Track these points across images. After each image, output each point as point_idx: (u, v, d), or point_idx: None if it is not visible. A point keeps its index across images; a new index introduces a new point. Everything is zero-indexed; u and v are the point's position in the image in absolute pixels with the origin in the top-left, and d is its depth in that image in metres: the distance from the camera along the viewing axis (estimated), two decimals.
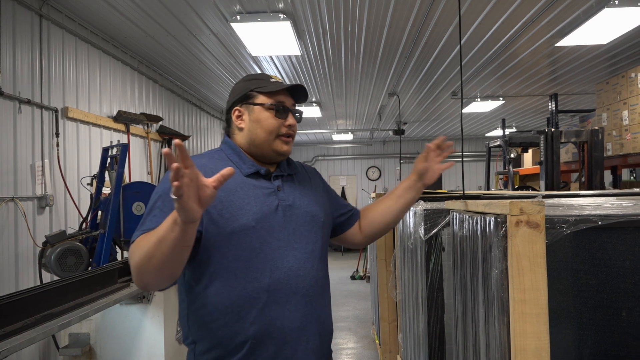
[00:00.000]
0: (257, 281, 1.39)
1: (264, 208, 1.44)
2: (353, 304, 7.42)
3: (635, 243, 1.25)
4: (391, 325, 4.25)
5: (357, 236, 1.76)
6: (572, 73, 7.39)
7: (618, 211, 1.30)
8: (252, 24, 4.89)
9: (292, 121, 1.54)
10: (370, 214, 1.76)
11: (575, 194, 2.73)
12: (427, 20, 5.12)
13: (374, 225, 1.75)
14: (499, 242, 1.22)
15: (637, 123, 5.37)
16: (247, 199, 1.43)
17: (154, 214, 1.35)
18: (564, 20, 5.18)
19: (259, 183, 1.49)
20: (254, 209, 1.42)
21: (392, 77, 7.57)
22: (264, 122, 1.52)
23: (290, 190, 1.54)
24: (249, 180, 1.49)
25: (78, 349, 3.26)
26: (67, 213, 4.62)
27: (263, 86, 1.53)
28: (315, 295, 1.47)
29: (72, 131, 4.77)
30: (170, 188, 1.07)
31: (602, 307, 1.25)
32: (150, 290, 1.26)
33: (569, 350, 1.26)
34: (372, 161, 15.91)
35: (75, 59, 4.88)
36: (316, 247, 1.51)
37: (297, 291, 1.43)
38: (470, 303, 1.55)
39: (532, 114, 10.90)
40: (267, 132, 1.51)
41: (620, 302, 1.24)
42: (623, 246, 1.25)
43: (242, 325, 1.38)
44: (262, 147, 1.53)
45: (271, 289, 1.40)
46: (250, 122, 1.53)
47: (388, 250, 4.26)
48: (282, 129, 1.53)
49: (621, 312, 1.24)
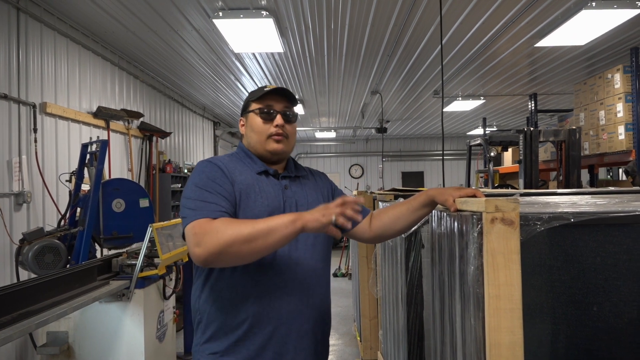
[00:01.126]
0: (261, 267, 1.54)
1: (274, 202, 1.60)
2: (335, 301, 7.45)
3: (605, 240, 1.28)
4: (372, 322, 4.29)
5: (366, 233, 1.82)
6: (551, 73, 7.51)
7: (590, 209, 1.33)
8: (234, 21, 4.87)
9: (279, 122, 1.67)
10: (384, 217, 1.80)
11: (553, 192, 2.78)
12: (409, 20, 5.16)
13: (385, 229, 1.80)
14: (475, 239, 1.25)
15: (613, 123, 5.48)
16: (261, 193, 1.60)
17: (206, 197, 1.49)
18: (543, 21, 5.26)
19: (269, 181, 1.66)
20: (267, 202, 1.59)
21: (374, 76, 7.61)
22: (255, 126, 1.69)
23: (296, 190, 1.69)
24: (261, 177, 1.65)
25: (56, 347, 3.22)
26: (45, 210, 4.56)
27: (256, 95, 1.71)
28: (313, 284, 1.62)
29: (50, 127, 4.70)
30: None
31: (574, 302, 1.28)
32: (213, 264, 1.43)
33: (542, 345, 1.29)
34: (355, 159, 15.96)
35: (54, 54, 4.81)
36: (317, 241, 1.66)
37: (295, 278, 1.58)
38: (447, 299, 1.57)
39: (512, 113, 11.05)
40: (258, 134, 1.68)
41: (591, 297, 1.28)
42: (594, 243, 1.28)
43: (245, 304, 1.54)
44: (257, 148, 1.69)
45: (272, 274, 1.55)
46: (247, 128, 1.73)
47: (369, 248, 4.29)
48: (271, 129, 1.67)
49: (592, 307, 1.28)
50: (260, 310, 1.54)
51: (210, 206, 1.47)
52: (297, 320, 1.58)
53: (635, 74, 5.18)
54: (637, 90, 5.18)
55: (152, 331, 3.51)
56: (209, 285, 1.60)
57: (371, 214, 1.84)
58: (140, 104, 6.94)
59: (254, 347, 1.54)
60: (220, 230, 1.37)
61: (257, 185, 1.61)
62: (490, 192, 2.81)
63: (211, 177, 1.55)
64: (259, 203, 1.57)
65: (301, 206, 1.65)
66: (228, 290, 1.56)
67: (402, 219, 1.75)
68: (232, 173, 1.60)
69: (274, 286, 1.56)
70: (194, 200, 1.50)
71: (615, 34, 5.64)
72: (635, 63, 5.18)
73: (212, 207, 1.47)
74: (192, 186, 1.55)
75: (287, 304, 1.56)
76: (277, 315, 1.55)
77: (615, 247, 1.28)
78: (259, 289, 1.55)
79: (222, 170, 1.58)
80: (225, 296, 1.56)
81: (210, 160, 1.62)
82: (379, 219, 1.81)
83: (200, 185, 1.53)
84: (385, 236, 1.85)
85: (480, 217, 1.22)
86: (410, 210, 1.73)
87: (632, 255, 1.28)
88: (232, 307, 1.55)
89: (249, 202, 1.57)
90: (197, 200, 1.49)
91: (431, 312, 1.90)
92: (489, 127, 12.13)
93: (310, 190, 1.74)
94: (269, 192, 1.62)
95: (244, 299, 1.55)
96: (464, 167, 7.42)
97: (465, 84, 8.15)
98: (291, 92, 1.71)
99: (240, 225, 1.38)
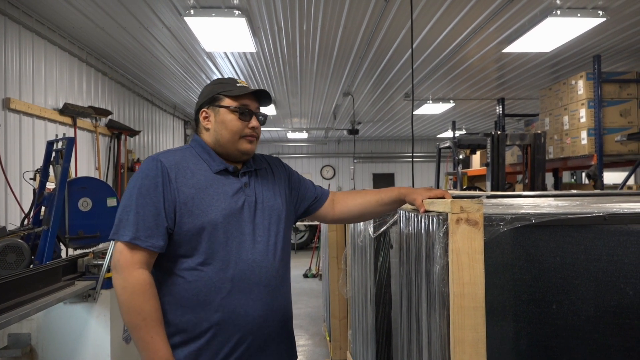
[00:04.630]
0: (222, 272, 1.51)
1: (231, 205, 1.56)
2: (305, 302, 7.45)
3: (564, 240, 1.33)
4: (341, 322, 4.31)
5: (329, 215, 1.85)
6: (518, 79, 7.71)
7: (551, 210, 1.38)
8: (206, 19, 4.83)
9: (255, 123, 1.65)
10: (350, 203, 1.83)
11: (518, 195, 2.86)
12: (381, 23, 5.22)
13: (350, 213, 1.84)
14: (440, 239, 1.28)
15: (576, 128, 5.66)
16: (216, 196, 1.55)
17: (135, 213, 1.48)
18: (510, 28, 5.40)
19: (227, 180, 1.61)
20: (222, 205, 1.54)
21: (346, 77, 7.65)
22: (228, 124, 1.62)
23: (255, 186, 1.65)
24: (219, 177, 1.60)
25: (18, 349, 3.13)
26: (8, 208, 4.43)
27: (229, 90, 1.64)
28: (277, 285, 1.60)
29: (14, 123, 4.57)
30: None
31: (535, 301, 1.33)
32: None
33: (504, 342, 1.33)
34: (326, 160, 16.01)
35: (19, 48, 4.68)
36: (278, 239, 1.64)
37: (260, 282, 1.55)
38: (414, 298, 1.61)
39: (481, 116, 11.28)
40: (231, 133, 1.62)
41: (551, 295, 1.32)
42: (554, 243, 1.33)
43: (207, 313, 1.50)
44: (227, 146, 1.63)
45: (235, 280, 1.52)
46: (216, 123, 1.64)
47: (339, 248, 4.31)
48: (246, 130, 1.63)
49: (552, 305, 1.32)
50: (225, 318, 1.50)
51: (132, 229, 1.47)
52: (264, 324, 1.55)
53: (597, 81, 5.36)
54: (599, 97, 5.36)
55: (119, 332, 3.45)
56: (166, 291, 1.53)
57: (333, 195, 1.86)
58: (109, 102, 6.81)
59: (219, 356, 1.50)
60: (126, 289, 1.44)
61: (211, 187, 1.56)
62: (457, 194, 2.87)
63: (144, 192, 1.50)
64: (214, 207, 1.53)
65: (261, 203, 1.62)
66: (188, 299, 1.51)
67: (369, 209, 1.79)
68: (181, 176, 1.54)
69: (238, 292, 1.52)
70: (125, 210, 1.49)
71: (579, 42, 5.83)
72: (598, 70, 5.35)
73: (133, 231, 1.46)
74: (129, 192, 1.52)
75: (252, 310, 1.53)
76: (244, 322, 1.52)
77: (573, 247, 1.33)
78: (222, 294, 1.50)
79: (164, 179, 1.51)
80: (186, 303, 1.51)
81: (157, 164, 1.54)
82: (344, 204, 1.83)
83: (134, 195, 1.50)
84: (347, 221, 1.91)
85: (446, 218, 1.26)
86: (379, 203, 1.76)
87: (589, 255, 1.33)
88: (193, 314, 1.51)
89: (203, 207, 1.52)
90: (127, 212, 1.49)
91: (399, 311, 1.93)
92: (458, 130, 12.35)
93: (270, 184, 1.71)
94: (226, 193, 1.57)
95: (206, 305, 1.50)
96: (434, 169, 7.53)
97: (435, 87, 8.28)
98: (270, 96, 1.69)
99: (137, 306, 1.44)
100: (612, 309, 1.32)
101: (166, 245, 1.51)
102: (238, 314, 1.51)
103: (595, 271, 1.33)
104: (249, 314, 1.52)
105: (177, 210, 1.51)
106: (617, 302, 1.32)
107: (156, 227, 1.48)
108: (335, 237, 4.37)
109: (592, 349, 1.32)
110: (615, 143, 5.40)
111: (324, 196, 1.87)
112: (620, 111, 5.48)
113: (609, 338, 1.32)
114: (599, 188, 5.25)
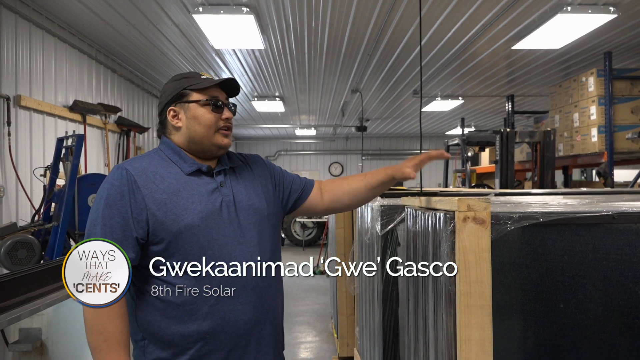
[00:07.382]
0: (207, 278, 1.43)
1: (208, 206, 1.47)
2: (312, 299, 7.47)
3: (572, 239, 1.32)
4: (349, 319, 4.32)
5: (318, 205, 1.78)
6: (527, 75, 7.64)
7: (559, 209, 1.37)
8: (214, 16, 4.83)
9: (228, 114, 1.56)
10: (338, 191, 1.77)
11: (527, 192, 2.85)
12: (389, 20, 5.20)
13: (340, 202, 1.78)
14: (447, 237, 1.27)
15: (586, 125, 5.61)
16: (191, 199, 1.47)
17: (101, 226, 1.43)
18: (520, 24, 5.35)
19: (201, 181, 1.52)
20: (198, 208, 1.46)
21: (354, 74, 7.63)
22: (201, 118, 1.53)
23: (232, 185, 1.56)
24: (192, 178, 1.51)
25: (29, 344, 3.16)
26: (19, 205, 4.47)
27: (195, 83, 1.55)
28: (265, 287, 1.51)
29: (24, 120, 4.61)
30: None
31: (542, 300, 1.32)
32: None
33: (511, 340, 1.33)
34: (334, 157, 16.00)
35: (29, 46, 4.72)
36: (263, 238, 1.54)
37: (247, 284, 1.47)
38: (421, 296, 1.60)
39: (490, 114, 11.21)
40: (206, 128, 1.53)
41: (558, 294, 1.32)
42: (562, 242, 1.32)
43: (195, 322, 1.42)
44: (202, 142, 1.54)
45: (222, 285, 1.44)
46: (188, 120, 1.54)
47: (347, 245, 4.32)
48: (220, 122, 1.54)
49: (559, 304, 1.32)
50: (215, 326, 1.43)
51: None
52: (255, 328, 1.49)
53: (608, 78, 5.31)
54: (609, 94, 5.31)
55: None
56: (148, 304, 1.44)
57: (319, 184, 1.80)
58: (118, 99, 6.84)
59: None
60: (89, 306, 1.39)
61: (185, 190, 1.48)
62: (465, 192, 2.86)
63: (111, 202, 1.43)
64: (190, 210, 1.45)
65: (240, 202, 1.54)
66: (172, 310, 1.42)
67: (358, 195, 1.75)
68: (150, 182, 1.46)
69: (226, 298, 1.44)
70: (92, 224, 1.45)
71: (590, 38, 5.77)
72: (609, 67, 5.30)
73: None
74: (96, 204, 1.48)
75: (243, 314, 1.46)
76: (234, 327, 1.45)
77: (582, 246, 1.32)
78: (210, 302, 1.43)
79: (130, 187, 1.44)
80: (171, 315, 1.42)
81: (122, 172, 1.47)
82: (332, 192, 1.77)
83: (101, 207, 1.44)
84: (338, 210, 1.86)
85: (453, 216, 1.25)
86: (367, 187, 1.73)
87: (597, 254, 1.32)
88: (180, 325, 1.43)
89: (177, 211, 1.44)
90: (94, 225, 1.44)
91: (406, 309, 1.93)
92: (467, 127, 12.29)
93: (248, 182, 1.61)
94: (202, 194, 1.48)
95: (193, 315, 1.43)
96: (442, 166, 7.50)
97: (444, 84, 8.24)
98: (238, 84, 1.60)
99: (100, 325, 1.40)
100: (621, 309, 1.31)
101: (138, 256, 1.44)
102: (228, 321, 1.44)
103: (603, 270, 1.32)
104: (239, 319, 1.46)
105: (149, 218, 1.43)
106: (625, 301, 1.31)
107: (125, 239, 1.41)
108: (342, 234, 4.37)
109: (600, 349, 1.32)
110: (626, 140, 5.35)
111: (309, 185, 1.79)
112: (632, 108, 5.42)
113: (617, 338, 1.31)
114: (609, 186, 5.20)
